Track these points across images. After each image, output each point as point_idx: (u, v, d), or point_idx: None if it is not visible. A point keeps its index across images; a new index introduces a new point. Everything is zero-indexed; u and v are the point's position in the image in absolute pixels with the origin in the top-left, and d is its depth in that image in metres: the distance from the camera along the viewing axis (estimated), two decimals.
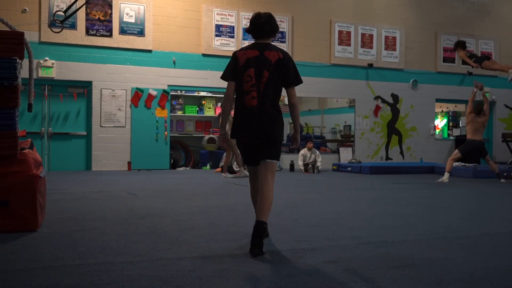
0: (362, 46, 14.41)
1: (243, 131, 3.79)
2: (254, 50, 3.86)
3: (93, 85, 11.78)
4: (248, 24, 4.03)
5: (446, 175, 9.81)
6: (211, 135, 13.01)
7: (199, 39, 12.71)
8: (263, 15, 3.95)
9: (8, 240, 3.77)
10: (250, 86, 3.77)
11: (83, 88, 11.82)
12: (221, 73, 4.04)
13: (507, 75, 9.96)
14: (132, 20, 12.06)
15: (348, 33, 14.25)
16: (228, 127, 7.01)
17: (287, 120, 20.29)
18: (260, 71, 3.77)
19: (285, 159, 13.52)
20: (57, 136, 11.65)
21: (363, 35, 14.42)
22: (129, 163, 11.94)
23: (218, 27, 12.85)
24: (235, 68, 3.86)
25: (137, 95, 12.09)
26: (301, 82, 3.89)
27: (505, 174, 10.57)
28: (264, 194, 3.60)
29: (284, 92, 3.84)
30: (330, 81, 14.06)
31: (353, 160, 13.55)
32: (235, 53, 3.99)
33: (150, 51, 12.25)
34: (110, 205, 5.80)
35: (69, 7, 9.56)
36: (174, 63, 12.44)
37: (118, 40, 11.94)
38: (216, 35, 12.83)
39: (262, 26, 3.91)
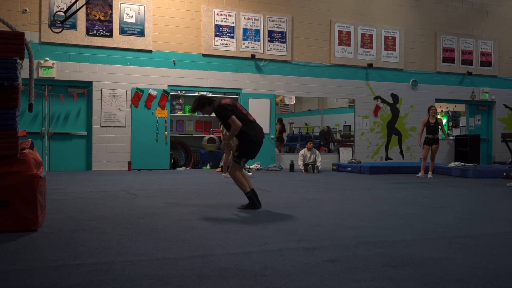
0: (362, 46, 14.41)
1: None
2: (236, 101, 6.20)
3: (93, 85, 11.79)
4: (202, 101, 5.91)
5: None
6: (211, 135, 13.01)
7: (199, 39, 12.72)
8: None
9: (8, 240, 3.78)
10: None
11: (83, 88, 11.83)
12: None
13: None
14: (132, 20, 12.07)
15: (348, 33, 14.26)
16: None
17: (286, 120, 20.34)
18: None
19: (285, 159, 13.53)
20: (57, 136, 11.66)
21: (363, 35, 14.42)
22: (129, 163, 11.95)
23: (218, 27, 12.85)
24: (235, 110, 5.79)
25: (137, 95, 12.10)
26: None
27: (504, 174, 10.57)
28: (245, 176, 5.89)
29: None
30: (330, 81, 14.07)
31: (353, 160, 13.56)
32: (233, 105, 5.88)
33: (150, 51, 12.26)
34: (110, 205, 5.81)
35: (69, 7, 9.56)
36: (174, 63, 12.45)
37: (118, 40, 11.95)
38: (216, 35, 12.83)
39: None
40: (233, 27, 13.02)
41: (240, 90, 13.01)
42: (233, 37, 13.01)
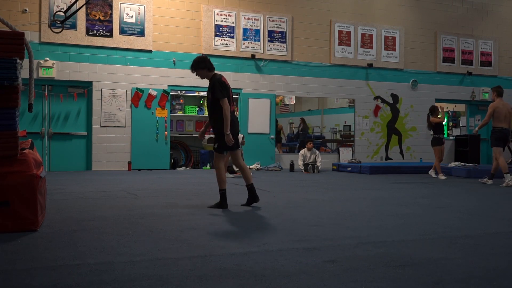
0: (362, 46, 14.41)
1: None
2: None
3: (93, 85, 11.79)
4: (206, 63, 5.72)
5: (508, 176, 9.01)
6: (211, 135, 12.98)
7: (199, 39, 12.72)
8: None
9: (8, 240, 3.78)
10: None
11: (83, 88, 11.83)
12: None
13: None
14: (132, 20, 12.07)
15: (348, 33, 14.26)
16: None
17: (286, 120, 20.33)
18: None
19: (285, 159, 13.53)
20: (57, 136, 11.66)
21: (363, 35, 14.42)
22: (129, 163, 11.95)
23: (218, 27, 12.85)
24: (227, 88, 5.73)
25: (137, 95, 12.10)
26: None
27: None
28: (246, 167, 5.91)
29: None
30: (330, 81, 14.07)
31: (353, 160, 13.56)
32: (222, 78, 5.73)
33: (150, 51, 12.26)
34: (110, 205, 5.81)
35: (69, 7, 9.56)
36: (174, 63, 12.45)
37: (118, 40, 11.95)
38: (216, 35, 12.83)
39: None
40: (233, 27, 13.02)
41: (240, 90, 13.02)
42: (233, 37, 13.01)
